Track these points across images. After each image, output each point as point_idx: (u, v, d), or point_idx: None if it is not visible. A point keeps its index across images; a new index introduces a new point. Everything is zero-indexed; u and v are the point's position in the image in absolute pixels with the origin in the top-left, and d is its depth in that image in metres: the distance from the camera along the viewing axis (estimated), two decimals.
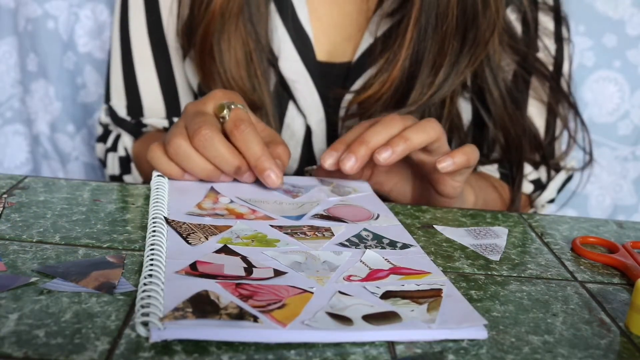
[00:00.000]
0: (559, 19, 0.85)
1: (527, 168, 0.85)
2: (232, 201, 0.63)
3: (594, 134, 1.19)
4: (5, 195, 0.62)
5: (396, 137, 0.63)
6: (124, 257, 0.51)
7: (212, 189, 0.65)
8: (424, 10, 0.75)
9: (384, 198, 0.69)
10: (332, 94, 0.82)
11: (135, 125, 0.89)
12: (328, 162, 0.65)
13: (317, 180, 0.70)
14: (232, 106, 0.65)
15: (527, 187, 0.84)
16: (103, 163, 0.95)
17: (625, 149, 1.21)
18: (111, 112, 0.91)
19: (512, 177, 0.84)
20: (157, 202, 0.59)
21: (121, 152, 0.90)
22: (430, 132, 0.64)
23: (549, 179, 0.87)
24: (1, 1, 1.16)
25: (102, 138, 0.94)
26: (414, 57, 0.77)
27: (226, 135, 0.64)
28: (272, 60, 0.82)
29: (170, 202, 0.61)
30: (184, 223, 0.57)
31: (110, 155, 0.92)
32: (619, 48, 1.16)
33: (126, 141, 0.90)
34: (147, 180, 0.83)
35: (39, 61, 1.17)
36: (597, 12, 1.15)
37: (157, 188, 0.62)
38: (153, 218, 0.56)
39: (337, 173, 0.67)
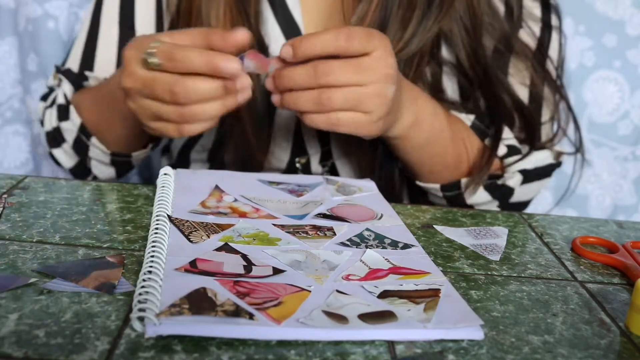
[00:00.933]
0: (547, 6, 0.86)
1: (507, 133, 0.83)
2: (236, 200, 0.63)
3: (594, 134, 1.19)
4: (5, 195, 0.62)
5: (320, 72, 0.61)
6: (124, 257, 0.51)
7: (216, 187, 0.65)
8: None
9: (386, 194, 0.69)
10: None
11: (78, 75, 0.87)
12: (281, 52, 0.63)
13: (323, 179, 0.70)
14: (151, 50, 0.62)
15: (501, 150, 0.83)
16: (42, 122, 0.91)
17: (625, 149, 1.21)
18: (57, 68, 0.89)
19: (487, 134, 0.82)
20: (161, 199, 0.59)
21: (60, 99, 0.87)
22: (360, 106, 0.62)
23: (529, 153, 0.84)
24: (1, 1, 1.16)
25: (44, 97, 0.91)
26: (382, 11, 0.78)
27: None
28: (262, 46, 0.82)
29: (175, 200, 0.61)
30: (187, 221, 0.57)
31: (48, 111, 0.89)
32: (619, 48, 1.16)
33: (66, 89, 0.87)
34: (88, 124, 0.81)
35: (39, 61, 1.17)
36: (597, 12, 1.15)
37: (163, 186, 0.63)
38: (156, 216, 0.56)
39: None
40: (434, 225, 0.63)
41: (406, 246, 0.56)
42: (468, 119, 0.82)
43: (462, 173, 0.81)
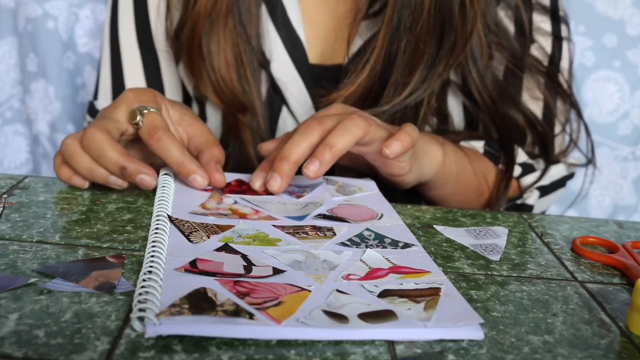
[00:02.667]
0: (557, 19, 0.85)
1: (519, 153, 0.83)
2: (236, 202, 0.63)
3: (594, 134, 1.19)
4: (5, 195, 0.62)
5: (320, 145, 0.62)
6: (124, 257, 0.51)
7: (216, 190, 0.65)
8: (396, 9, 0.74)
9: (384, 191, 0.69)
10: (316, 92, 0.82)
11: None
12: (257, 184, 0.65)
13: (323, 179, 0.70)
14: (145, 111, 0.64)
15: (516, 170, 0.83)
16: None
17: (625, 149, 1.21)
18: (92, 109, 0.90)
19: (500, 158, 0.83)
20: (161, 200, 0.59)
21: None
22: (354, 131, 0.62)
23: (546, 170, 0.85)
24: (1, 1, 1.16)
25: None
26: (387, 57, 0.76)
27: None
28: (264, 64, 0.82)
29: (175, 201, 0.61)
30: (187, 221, 0.57)
31: None
32: (619, 48, 1.16)
33: None
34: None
35: (39, 61, 1.17)
36: (597, 12, 1.15)
37: (163, 186, 0.63)
38: (157, 216, 0.56)
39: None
40: (434, 225, 0.63)
41: (406, 245, 0.56)
42: (479, 146, 0.82)
43: (484, 202, 0.82)
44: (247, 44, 0.80)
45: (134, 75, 0.87)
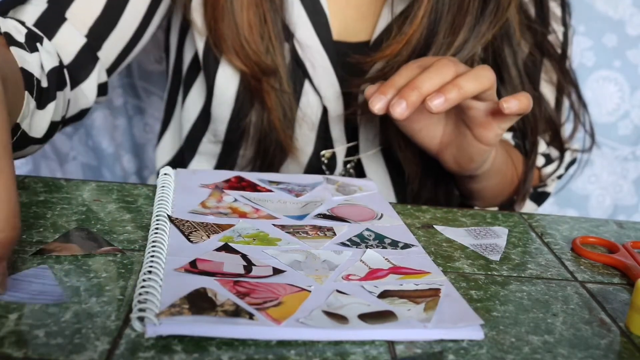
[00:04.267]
0: (564, 5, 0.86)
1: (542, 145, 0.84)
2: (236, 200, 0.63)
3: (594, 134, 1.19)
4: None
5: (449, 84, 0.61)
6: (124, 257, 0.51)
7: (216, 187, 0.65)
8: None
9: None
10: (354, 59, 0.79)
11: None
12: (377, 106, 0.63)
13: (323, 178, 0.70)
14: None
15: (539, 160, 0.85)
16: None
17: (625, 149, 1.21)
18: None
19: (525, 150, 0.83)
20: (161, 200, 0.59)
21: None
22: (483, 80, 0.62)
23: (562, 158, 0.86)
24: None
25: None
26: (432, 15, 0.75)
27: None
28: (287, 36, 0.80)
29: (175, 200, 0.61)
30: (187, 221, 0.57)
31: None
32: (619, 48, 1.16)
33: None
34: None
35: None
36: (597, 12, 1.15)
37: (163, 186, 0.63)
38: (156, 216, 0.56)
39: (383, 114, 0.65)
40: (434, 225, 0.63)
41: (406, 246, 0.56)
42: (509, 137, 0.82)
43: (513, 191, 0.82)
44: (271, 4, 0.78)
45: None
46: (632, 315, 0.48)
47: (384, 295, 0.47)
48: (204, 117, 0.86)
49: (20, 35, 0.63)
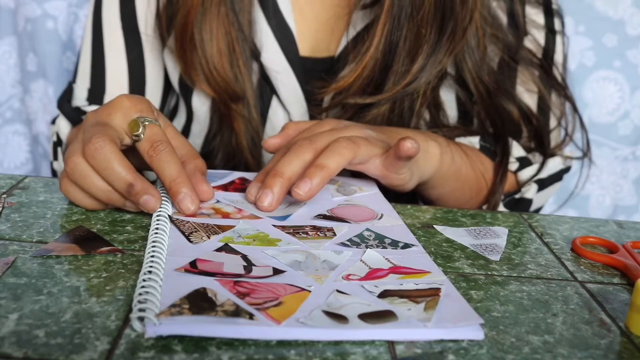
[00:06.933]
0: (550, 12, 0.85)
1: (515, 146, 0.83)
2: (218, 201, 0.63)
3: (594, 134, 1.19)
4: (5, 195, 0.62)
5: (312, 167, 0.61)
6: (124, 257, 0.51)
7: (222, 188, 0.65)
8: None
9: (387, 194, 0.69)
10: (310, 85, 0.81)
11: (74, 110, 0.85)
12: (254, 196, 0.63)
13: None
14: (146, 122, 0.60)
15: (513, 165, 0.83)
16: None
17: (625, 149, 1.21)
18: (64, 94, 0.88)
19: (496, 153, 0.83)
20: (161, 200, 0.59)
21: (54, 136, 0.86)
22: (344, 152, 0.62)
23: (543, 163, 0.85)
24: (1, 1, 1.16)
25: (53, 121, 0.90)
26: (388, 46, 0.76)
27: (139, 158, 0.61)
28: (255, 53, 0.82)
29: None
30: (187, 222, 0.57)
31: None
32: (619, 48, 1.16)
33: (61, 126, 0.85)
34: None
35: (39, 61, 1.17)
36: (597, 12, 1.15)
37: (163, 186, 0.62)
38: (157, 216, 0.56)
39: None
40: (434, 225, 0.63)
41: (406, 246, 0.56)
42: (475, 142, 0.82)
43: (483, 199, 0.82)
44: (239, 32, 0.80)
45: (116, 57, 0.85)
46: (632, 315, 0.48)
47: (384, 295, 0.47)
48: (187, 130, 0.90)
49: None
